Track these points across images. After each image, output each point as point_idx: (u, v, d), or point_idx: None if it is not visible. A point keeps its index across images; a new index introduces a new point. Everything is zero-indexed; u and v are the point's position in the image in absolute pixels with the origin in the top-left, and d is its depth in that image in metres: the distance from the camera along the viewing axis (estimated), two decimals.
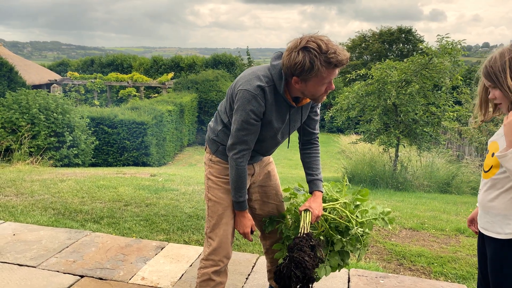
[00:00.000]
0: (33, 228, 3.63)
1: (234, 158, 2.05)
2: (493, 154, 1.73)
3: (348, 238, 2.15)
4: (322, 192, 2.22)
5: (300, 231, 2.05)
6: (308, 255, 1.95)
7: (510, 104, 1.70)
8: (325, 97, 2.00)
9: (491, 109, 1.83)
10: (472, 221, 2.12)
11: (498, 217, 1.71)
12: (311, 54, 1.78)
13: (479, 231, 1.86)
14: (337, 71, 1.86)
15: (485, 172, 1.79)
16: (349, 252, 2.18)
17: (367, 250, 2.27)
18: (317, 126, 2.29)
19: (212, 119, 2.27)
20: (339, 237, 2.14)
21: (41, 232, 3.55)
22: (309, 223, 2.06)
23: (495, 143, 1.76)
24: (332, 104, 10.52)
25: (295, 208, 2.30)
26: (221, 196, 2.19)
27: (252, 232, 2.21)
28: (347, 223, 2.14)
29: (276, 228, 2.37)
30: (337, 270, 2.22)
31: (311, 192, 2.23)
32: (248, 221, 2.18)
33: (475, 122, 1.90)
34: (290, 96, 2.01)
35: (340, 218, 2.17)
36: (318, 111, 2.23)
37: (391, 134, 8.53)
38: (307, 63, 1.79)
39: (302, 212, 2.10)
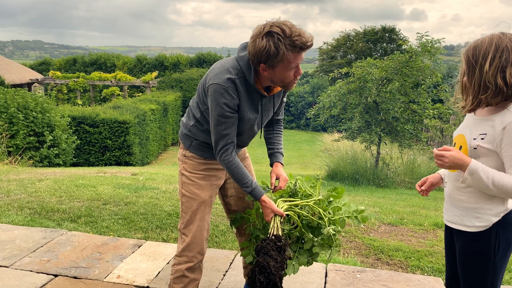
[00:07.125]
0: (7, 228, 3.55)
1: (221, 157, 2.03)
2: (460, 147, 1.74)
3: (320, 238, 2.10)
4: (282, 164, 2.29)
5: (270, 231, 2.00)
6: (274, 259, 1.88)
7: (475, 99, 1.63)
8: (295, 84, 1.99)
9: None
10: (424, 183, 1.94)
11: (467, 211, 1.71)
12: (275, 38, 1.77)
13: (446, 225, 1.86)
14: (303, 54, 1.85)
15: None
16: (319, 249, 2.12)
17: (339, 250, 2.23)
18: (282, 112, 2.38)
19: (185, 114, 2.25)
20: (311, 236, 2.10)
21: (16, 231, 3.48)
22: (279, 221, 2.02)
23: (462, 136, 1.75)
24: (316, 102, 10.58)
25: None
26: (195, 192, 2.17)
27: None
28: (319, 221, 2.11)
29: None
30: (306, 266, 2.19)
31: (271, 165, 2.29)
32: (267, 209, 2.04)
33: (460, 108, 1.76)
34: (261, 86, 2.00)
35: (312, 215, 2.13)
36: (285, 99, 2.28)
37: (372, 131, 8.61)
38: (272, 48, 1.78)
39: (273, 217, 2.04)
